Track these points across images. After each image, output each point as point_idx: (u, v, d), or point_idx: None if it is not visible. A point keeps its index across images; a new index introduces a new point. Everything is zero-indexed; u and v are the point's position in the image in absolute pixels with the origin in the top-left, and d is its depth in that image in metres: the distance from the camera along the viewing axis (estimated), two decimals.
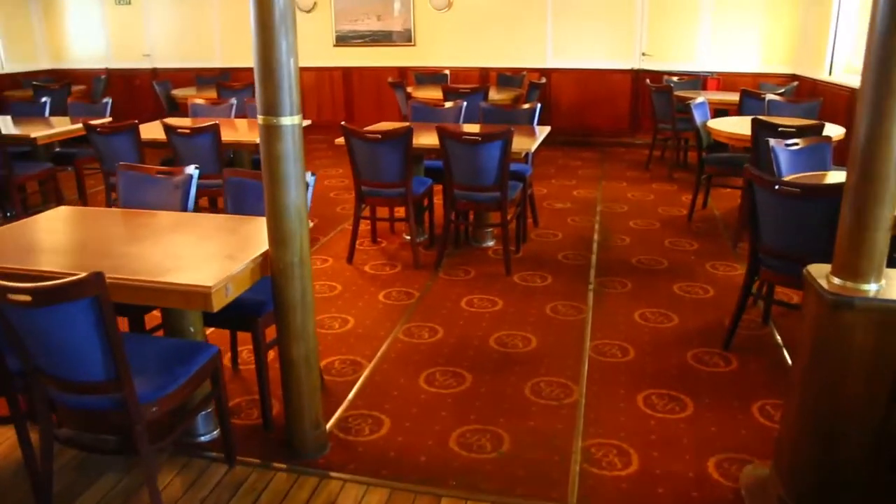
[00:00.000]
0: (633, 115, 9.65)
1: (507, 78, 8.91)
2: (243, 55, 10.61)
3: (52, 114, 6.96)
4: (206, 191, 5.32)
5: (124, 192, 3.63)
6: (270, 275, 2.67)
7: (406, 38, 10.04)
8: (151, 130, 5.68)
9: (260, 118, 2.51)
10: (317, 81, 10.46)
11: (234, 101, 6.46)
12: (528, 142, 5.11)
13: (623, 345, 3.91)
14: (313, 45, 10.29)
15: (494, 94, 7.85)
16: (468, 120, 6.20)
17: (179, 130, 5.20)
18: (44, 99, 7.05)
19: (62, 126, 6.30)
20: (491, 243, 5.57)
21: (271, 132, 2.51)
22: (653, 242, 5.64)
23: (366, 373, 3.64)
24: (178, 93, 9.08)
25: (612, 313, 4.33)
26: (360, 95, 10.43)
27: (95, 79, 10.16)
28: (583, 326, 4.15)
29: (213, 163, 5.16)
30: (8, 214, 6.55)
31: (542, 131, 5.56)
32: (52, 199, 6.58)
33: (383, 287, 4.77)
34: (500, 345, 3.94)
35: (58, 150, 6.53)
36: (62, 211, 3.41)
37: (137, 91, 10.95)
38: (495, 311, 4.37)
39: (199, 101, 6.57)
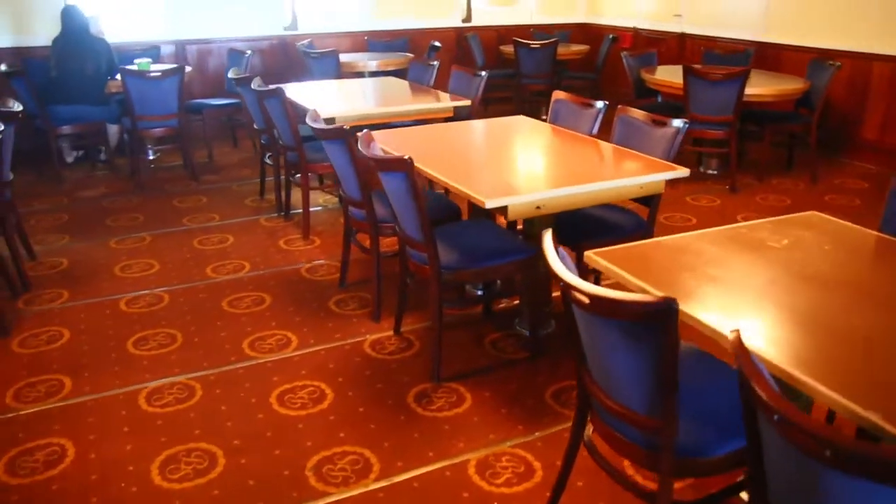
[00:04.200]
0: None
1: None
2: (797, 30, 7.31)
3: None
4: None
5: None
6: None
7: None
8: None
9: None
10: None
11: (601, 105, 3.90)
12: None
13: None
14: None
15: None
16: None
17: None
18: (435, 62, 5.55)
19: (413, 104, 4.80)
20: None
21: None
22: None
23: None
24: (658, 76, 6.62)
25: None
26: None
27: (611, 40, 8.30)
28: None
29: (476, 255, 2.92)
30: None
31: None
32: None
33: None
34: None
35: None
36: None
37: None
38: None
39: (562, 96, 4.19)
